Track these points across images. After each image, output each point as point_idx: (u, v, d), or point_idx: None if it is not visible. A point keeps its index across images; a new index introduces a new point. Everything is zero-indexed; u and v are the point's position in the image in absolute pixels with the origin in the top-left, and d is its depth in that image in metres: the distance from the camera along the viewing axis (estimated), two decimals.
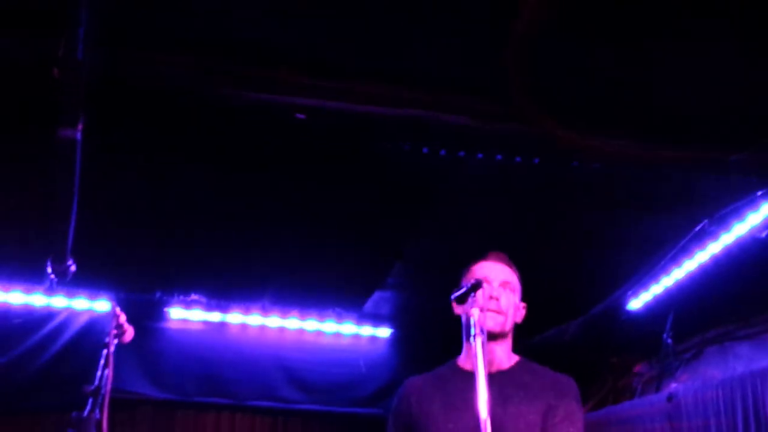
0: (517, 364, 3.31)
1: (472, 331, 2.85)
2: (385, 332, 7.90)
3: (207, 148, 4.71)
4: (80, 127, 3.89)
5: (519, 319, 3.36)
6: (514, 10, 3.60)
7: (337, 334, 7.76)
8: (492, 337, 3.18)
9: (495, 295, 3.22)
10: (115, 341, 3.32)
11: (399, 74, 4.12)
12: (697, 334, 6.88)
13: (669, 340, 6.76)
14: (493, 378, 3.10)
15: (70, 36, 3.52)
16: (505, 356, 3.30)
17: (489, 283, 3.24)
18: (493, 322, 3.20)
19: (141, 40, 3.86)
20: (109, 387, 3.17)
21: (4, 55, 3.86)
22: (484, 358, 2.77)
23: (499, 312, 3.23)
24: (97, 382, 3.16)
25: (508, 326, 3.28)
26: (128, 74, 3.91)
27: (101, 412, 3.16)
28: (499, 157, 4.75)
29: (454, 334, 3.32)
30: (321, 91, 4.08)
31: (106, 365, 3.20)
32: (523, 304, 3.37)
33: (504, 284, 3.27)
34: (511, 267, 3.36)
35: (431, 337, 7.51)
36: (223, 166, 4.89)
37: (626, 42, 3.91)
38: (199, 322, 7.45)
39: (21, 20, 3.74)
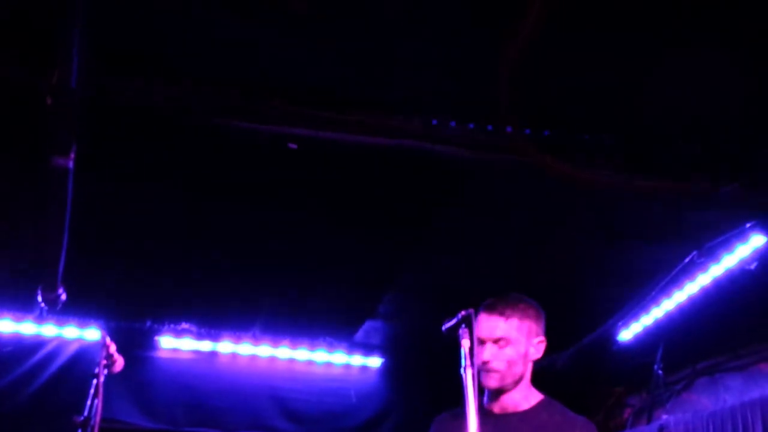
0: (538, 404, 3.30)
1: (463, 363, 2.86)
2: (376, 362, 7.88)
3: (199, 177, 4.72)
4: (72, 155, 3.89)
5: (536, 355, 3.35)
6: (508, 41, 3.63)
7: (328, 364, 7.73)
8: (496, 392, 3.28)
9: (485, 358, 3.24)
10: (105, 371, 3.32)
11: (393, 104, 4.15)
12: (688, 365, 6.88)
13: (659, 371, 6.76)
14: (509, 418, 3.21)
15: (63, 64, 3.54)
16: (521, 398, 3.29)
17: (483, 344, 3.25)
18: (489, 381, 3.26)
19: (134, 69, 3.88)
20: (98, 417, 3.17)
21: None
22: (475, 392, 2.77)
23: (494, 371, 3.25)
24: (86, 412, 3.15)
25: (509, 379, 3.27)
26: (121, 103, 3.93)
27: None
28: (490, 188, 4.78)
29: (445, 364, 3.32)
30: (314, 120, 4.10)
31: (95, 395, 3.20)
32: (539, 339, 3.34)
33: (497, 341, 3.26)
34: (508, 316, 3.30)
35: (422, 367, 7.51)
36: (215, 195, 4.90)
37: (617, 74, 3.95)
38: (189, 351, 7.41)
39: (14, 49, 3.76)
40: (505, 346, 3.27)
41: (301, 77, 4.03)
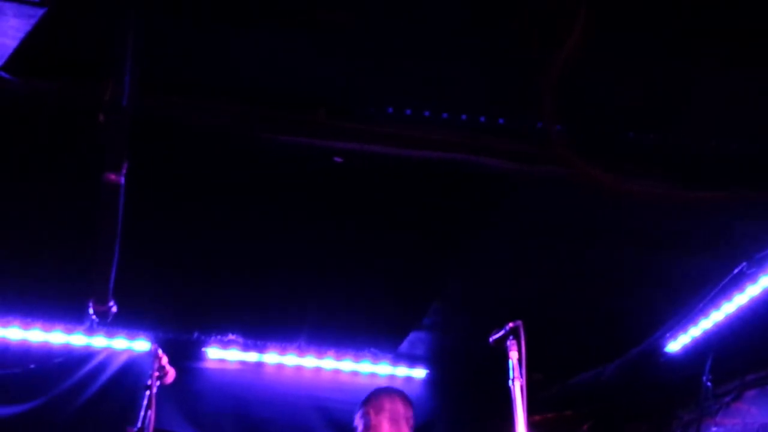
0: None
1: (511, 374, 2.87)
2: (420, 373, 7.86)
3: (246, 191, 4.78)
4: (124, 171, 3.97)
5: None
6: (551, 53, 3.64)
7: (373, 375, 7.73)
8: None
9: None
10: (157, 383, 3.38)
11: (437, 118, 4.17)
12: (737, 376, 6.77)
13: (708, 383, 6.67)
14: None
15: (115, 83, 3.62)
16: None
17: None
18: None
19: (183, 87, 3.96)
20: (151, 428, 3.22)
21: (52, 100, 3.97)
22: (524, 404, 2.78)
23: None
24: (140, 423, 3.21)
25: None
26: (171, 120, 4.00)
27: None
28: (535, 198, 4.78)
29: (491, 375, 3.33)
30: (359, 134, 4.14)
31: (148, 406, 3.25)
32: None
33: None
34: None
35: (467, 378, 7.49)
36: (262, 208, 4.95)
37: (662, 84, 3.94)
38: (235, 362, 7.47)
39: (69, 67, 3.85)
40: None
41: (346, 91, 4.07)
